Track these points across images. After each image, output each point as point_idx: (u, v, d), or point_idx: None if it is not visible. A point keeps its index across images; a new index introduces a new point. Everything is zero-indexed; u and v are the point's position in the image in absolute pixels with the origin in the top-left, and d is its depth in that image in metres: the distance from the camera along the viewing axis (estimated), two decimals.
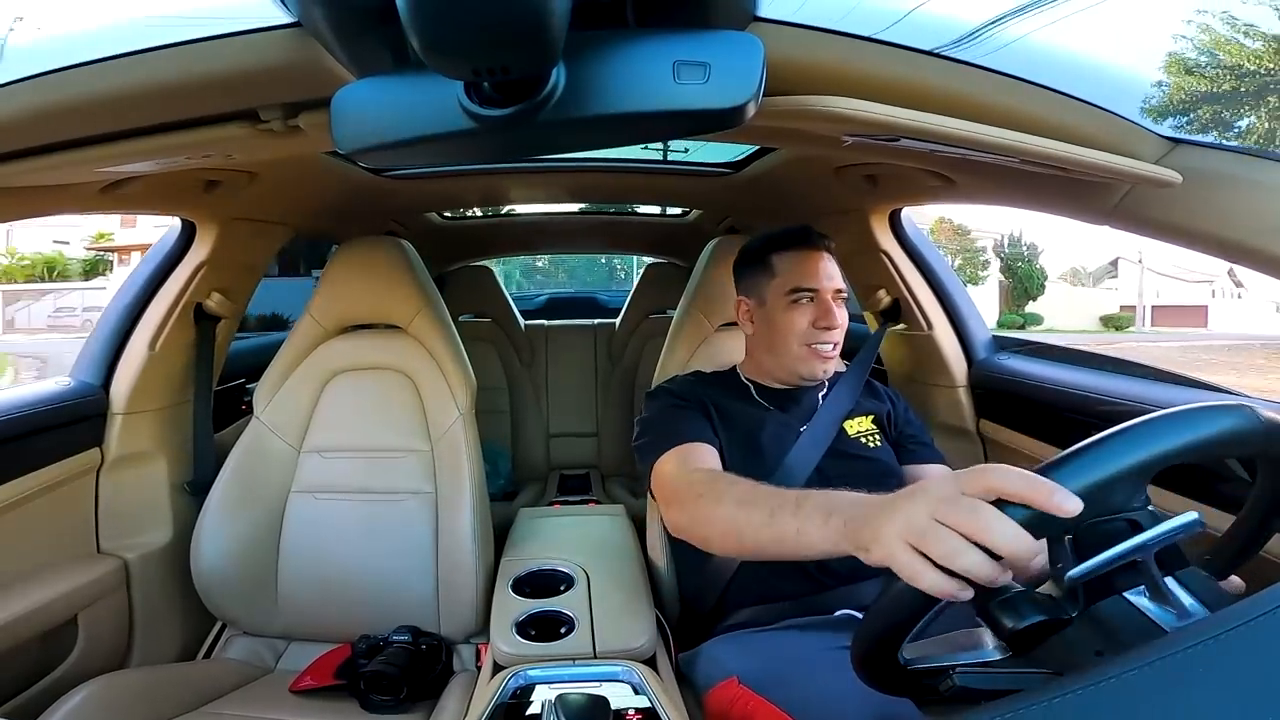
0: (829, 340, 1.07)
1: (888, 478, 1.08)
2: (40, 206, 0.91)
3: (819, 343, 1.07)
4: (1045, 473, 0.48)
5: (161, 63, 0.56)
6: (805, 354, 1.08)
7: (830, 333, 1.07)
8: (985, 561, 0.46)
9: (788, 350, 1.09)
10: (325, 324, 1.36)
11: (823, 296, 1.07)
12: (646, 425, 1.09)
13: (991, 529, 0.46)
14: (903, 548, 0.50)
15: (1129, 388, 1.06)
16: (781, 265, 1.10)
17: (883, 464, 1.09)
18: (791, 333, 1.08)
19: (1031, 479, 0.47)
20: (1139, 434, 0.49)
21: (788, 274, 1.09)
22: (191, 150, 0.72)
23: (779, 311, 1.09)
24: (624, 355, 2.52)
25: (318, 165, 1.28)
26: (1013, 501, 0.47)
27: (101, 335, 1.29)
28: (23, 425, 1.10)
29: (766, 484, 0.80)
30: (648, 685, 0.87)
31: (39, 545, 1.14)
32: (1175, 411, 0.50)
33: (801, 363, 1.09)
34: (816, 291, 1.07)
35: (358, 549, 1.26)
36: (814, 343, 1.07)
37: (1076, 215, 0.86)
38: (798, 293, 1.08)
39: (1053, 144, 0.66)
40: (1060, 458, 0.50)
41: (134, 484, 1.31)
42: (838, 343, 1.09)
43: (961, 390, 1.41)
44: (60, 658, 1.13)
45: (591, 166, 1.62)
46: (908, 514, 0.51)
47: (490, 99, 0.48)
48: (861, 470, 1.05)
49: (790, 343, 1.08)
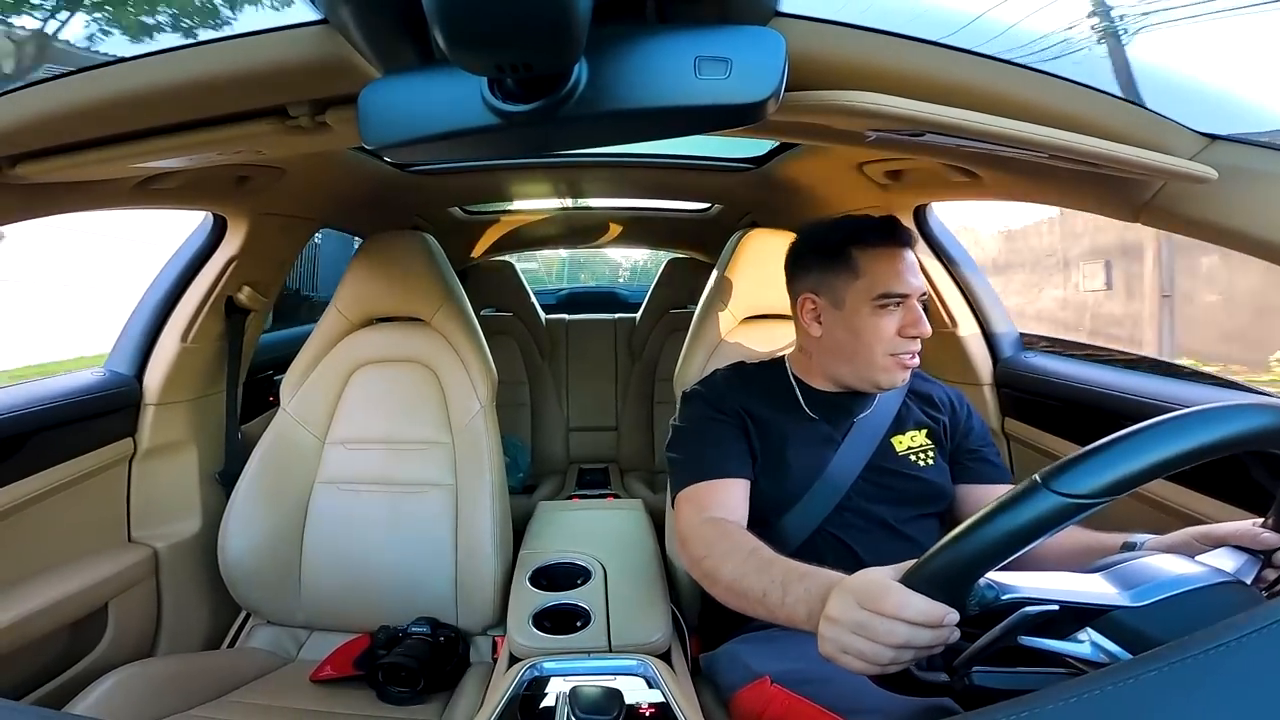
0: (914, 351, 0.98)
1: (933, 500, 1.01)
2: (76, 203, 0.93)
3: (904, 352, 0.97)
4: (1074, 464, 0.49)
5: (193, 60, 0.58)
6: (890, 364, 0.98)
7: (915, 343, 0.98)
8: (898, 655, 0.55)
9: (871, 360, 0.98)
10: (350, 317, 1.38)
11: (911, 302, 0.97)
12: (678, 441, 1.05)
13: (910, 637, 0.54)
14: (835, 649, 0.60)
15: (1158, 386, 1.04)
16: (867, 264, 0.98)
17: (929, 485, 1.01)
18: (878, 341, 0.97)
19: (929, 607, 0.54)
20: (1166, 431, 0.49)
21: (875, 276, 0.97)
22: (222, 146, 0.73)
23: (863, 318, 0.97)
24: (644, 350, 2.52)
25: (344, 160, 1.30)
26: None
27: (135, 327, 1.32)
28: (59, 415, 1.13)
29: (766, 551, 0.80)
30: (662, 680, 0.87)
31: (73, 533, 1.17)
32: (1206, 409, 0.50)
33: (884, 373, 0.98)
34: (906, 296, 0.97)
35: (379, 540, 1.28)
36: (899, 352, 0.97)
37: (1107, 212, 0.84)
38: (887, 299, 0.96)
39: (1084, 139, 0.64)
40: (1086, 451, 0.50)
41: (165, 474, 1.34)
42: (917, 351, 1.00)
43: (987, 389, 1.39)
44: (90, 645, 1.15)
45: (613, 161, 1.63)
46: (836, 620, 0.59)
47: (513, 95, 0.48)
48: (904, 490, 1.00)
49: (875, 352, 0.97)
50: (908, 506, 1.00)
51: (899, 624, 0.54)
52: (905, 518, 0.99)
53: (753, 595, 0.75)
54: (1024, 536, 0.50)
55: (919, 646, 0.54)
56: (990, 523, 0.51)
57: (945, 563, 0.54)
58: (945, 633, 0.54)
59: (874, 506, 0.99)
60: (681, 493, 0.99)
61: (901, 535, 0.98)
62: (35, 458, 1.09)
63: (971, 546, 0.52)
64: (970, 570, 0.52)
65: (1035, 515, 0.49)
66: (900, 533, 0.98)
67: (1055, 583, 0.54)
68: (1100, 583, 0.54)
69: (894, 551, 0.93)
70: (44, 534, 1.11)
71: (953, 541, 0.53)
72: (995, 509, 0.51)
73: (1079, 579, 0.55)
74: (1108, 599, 0.52)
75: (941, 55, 0.61)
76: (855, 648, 0.57)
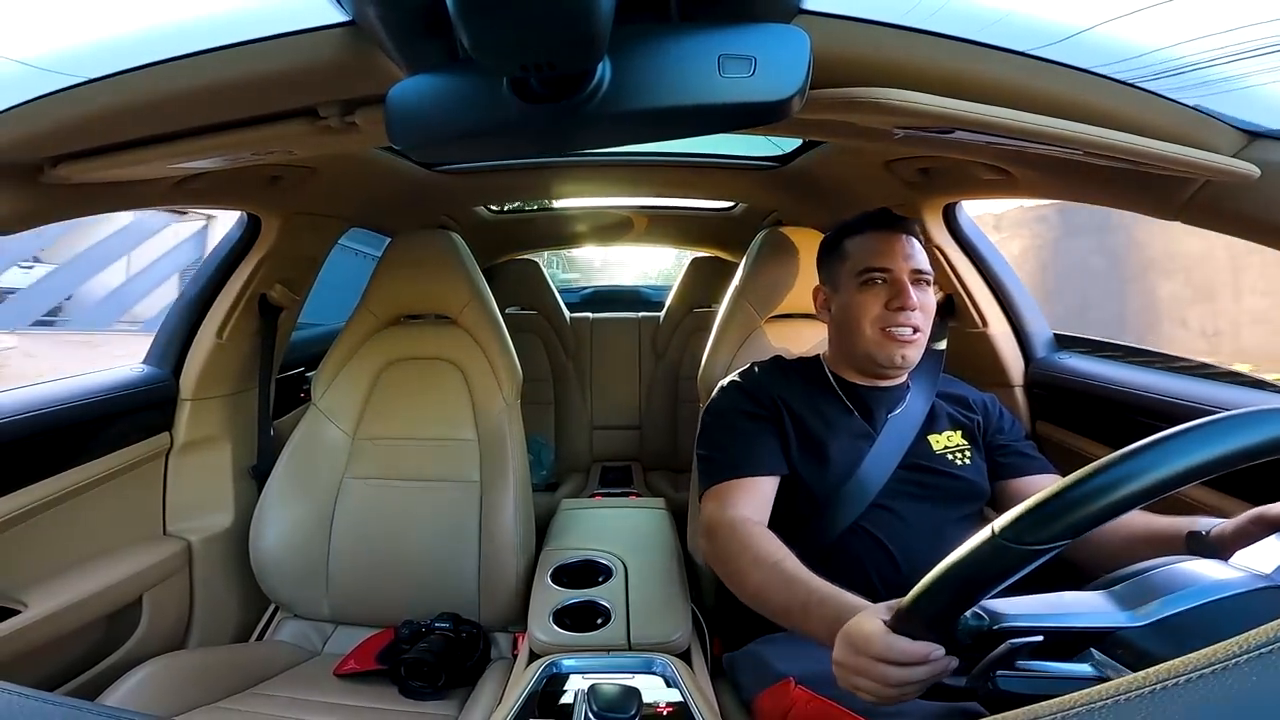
0: (905, 323, 1.00)
1: (971, 499, 1.01)
2: (119, 201, 0.96)
3: (894, 325, 1.00)
4: (1026, 514, 0.50)
5: (227, 62, 0.59)
6: (879, 338, 1.01)
7: (904, 314, 0.99)
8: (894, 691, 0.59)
9: (860, 335, 1.02)
10: (379, 314, 1.40)
11: (896, 276, 1.00)
12: (707, 435, 1.06)
13: (888, 676, 0.58)
14: (844, 683, 0.63)
15: (1195, 388, 1.00)
16: (854, 248, 1.05)
17: (967, 483, 1.01)
18: (864, 316, 1.02)
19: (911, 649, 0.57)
20: (1117, 473, 0.49)
21: (859, 255, 1.04)
22: (256, 146, 0.75)
23: (851, 295, 1.04)
24: (668, 349, 2.52)
25: (373, 160, 1.32)
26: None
27: (172, 324, 1.36)
28: (100, 409, 1.16)
29: (790, 564, 0.81)
30: (680, 679, 0.87)
31: (110, 526, 1.20)
32: (1157, 440, 0.49)
33: (876, 347, 1.01)
34: (890, 271, 1.01)
35: (404, 535, 1.30)
36: (888, 325, 1.00)
37: (1145, 210, 0.82)
38: (868, 273, 1.02)
39: (1122, 135, 0.63)
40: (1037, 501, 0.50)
41: (200, 468, 1.37)
42: (918, 327, 1.01)
43: (1018, 390, 1.36)
44: (125, 636, 1.18)
45: (636, 160, 1.63)
46: (842, 663, 0.63)
47: (537, 94, 0.48)
48: (941, 488, 0.99)
49: (863, 326, 1.02)
50: (945, 505, 0.99)
51: (890, 667, 0.58)
52: (941, 517, 0.98)
53: (775, 608, 0.79)
54: (984, 584, 0.52)
55: (916, 682, 0.58)
56: (951, 571, 0.53)
57: (921, 607, 0.57)
58: (938, 666, 0.57)
59: (910, 504, 0.97)
60: (709, 489, 0.99)
61: (937, 534, 0.95)
62: (76, 451, 1.12)
63: (939, 592, 0.55)
64: (946, 612, 0.55)
65: (994, 566, 0.51)
66: (936, 531, 0.96)
67: (1052, 606, 0.54)
68: (1101, 602, 0.54)
69: (929, 550, 0.92)
70: (83, 526, 1.14)
71: (926, 586, 0.56)
72: (954, 560, 0.53)
73: (1080, 600, 0.55)
74: (1104, 620, 0.52)
75: (970, 51, 0.60)
76: (862, 687, 0.61)
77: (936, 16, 0.58)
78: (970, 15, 0.59)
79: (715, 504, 0.97)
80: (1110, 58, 0.62)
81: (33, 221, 0.83)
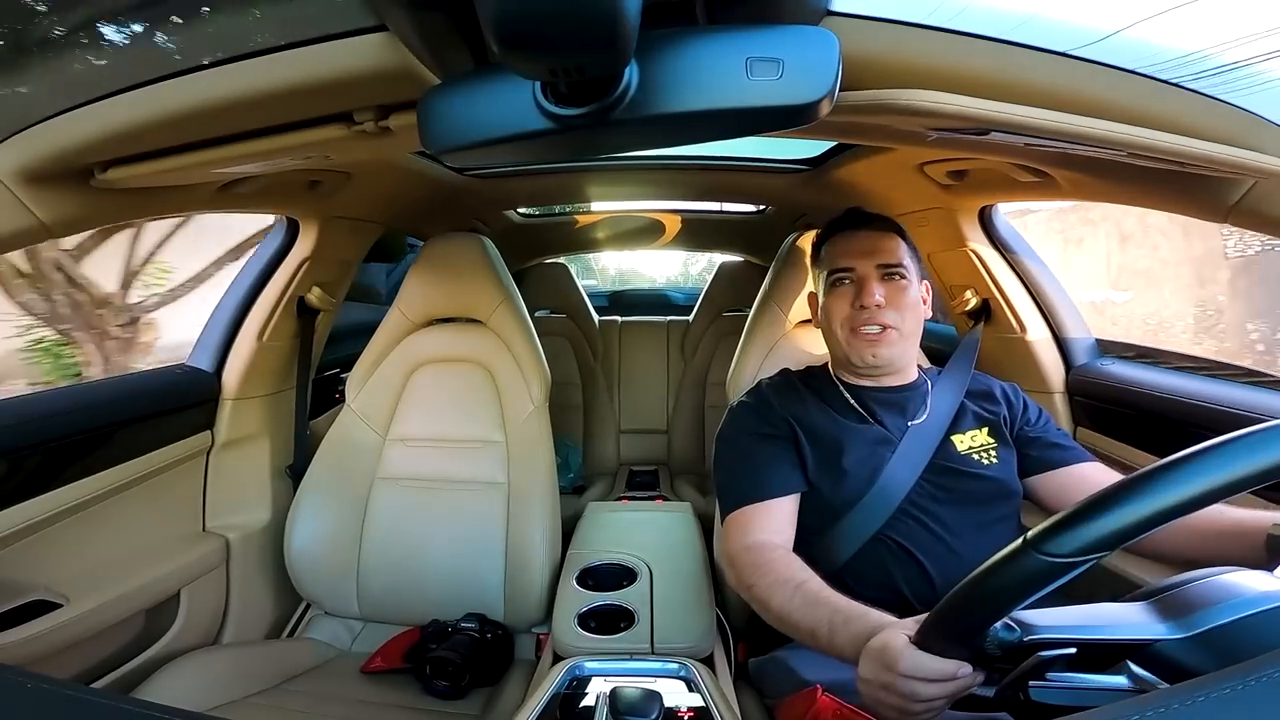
0: (870, 321, 0.99)
1: (1000, 500, 0.96)
2: (166, 206, 1.00)
3: (860, 324, 1.00)
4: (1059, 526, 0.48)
5: (265, 67, 0.61)
6: (851, 340, 1.01)
7: (867, 312, 0.99)
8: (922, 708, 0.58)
9: (837, 339, 1.04)
10: (412, 317, 1.43)
11: (860, 274, 1.01)
12: (724, 462, 1.05)
13: (916, 694, 0.58)
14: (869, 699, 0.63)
15: (1244, 396, 0.96)
16: (827, 251, 1.07)
17: (996, 483, 0.97)
18: (835, 319, 1.03)
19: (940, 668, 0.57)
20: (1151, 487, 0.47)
21: (828, 257, 1.06)
22: (294, 152, 0.77)
23: (826, 299, 1.06)
24: (696, 353, 2.51)
25: (406, 165, 1.35)
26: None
27: (216, 325, 1.40)
28: (147, 407, 1.20)
29: (813, 584, 0.80)
30: (703, 683, 0.87)
31: (152, 522, 1.24)
32: (1190, 455, 0.47)
33: (849, 348, 1.02)
34: (853, 270, 1.01)
35: (433, 535, 1.31)
36: (855, 325, 1.00)
37: (1192, 212, 0.79)
38: (835, 274, 1.03)
39: (1167, 136, 0.60)
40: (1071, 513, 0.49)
41: (239, 466, 1.41)
42: (886, 324, 0.99)
43: (1058, 396, 1.32)
44: (162, 630, 1.21)
45: (665, 164, 1.63)
46: (869, 679, 0.62)
47: (566, 98, 0.49)
48: (968, 490, 0.95)
49: (835, 328, 1.03)
50: (973, 508, 0.95)
51: (916, 683, 0.57)
52: (970, 520, 0.94)
53: (801, 630, 0.78)
54: (1015, 596, 0.50)
55: (943, 698, 0.57)
56: (982, 584, 0.52)
57: (947, 622, 0.56)
58: (964, 683, 0.57)
59: (937, 508, 0.94)
60: (729, 516, 0.99)
61: (968, 539, 0.92)
62: (123, 449, 1.16)
63: (968, 606, 0.54)
64: (973, 627, 0.53)
65: (1022, 577, 0.49)
66: (966, 537, 0.92)
67: (1087, 618, 0.52)
68: (1138, 614, 0.52)
69: (959, 557, 0.90)
70: (126, 522, 1.18)
71: (953, 600, 0.55)
72: (984, 570, 0.52)
73: (1116, 611, 0.53)
74: (1142, 632, 0.50)
75: (1004, 51, 0.58)
76: (888, 703, 0.60)
77: (964, 16, 0.56)
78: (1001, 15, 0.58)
79: (735, 531, 0.96)
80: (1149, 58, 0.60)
81: (84, 225, 0.86)
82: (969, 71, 0.59)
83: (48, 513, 1.02)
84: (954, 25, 0.57)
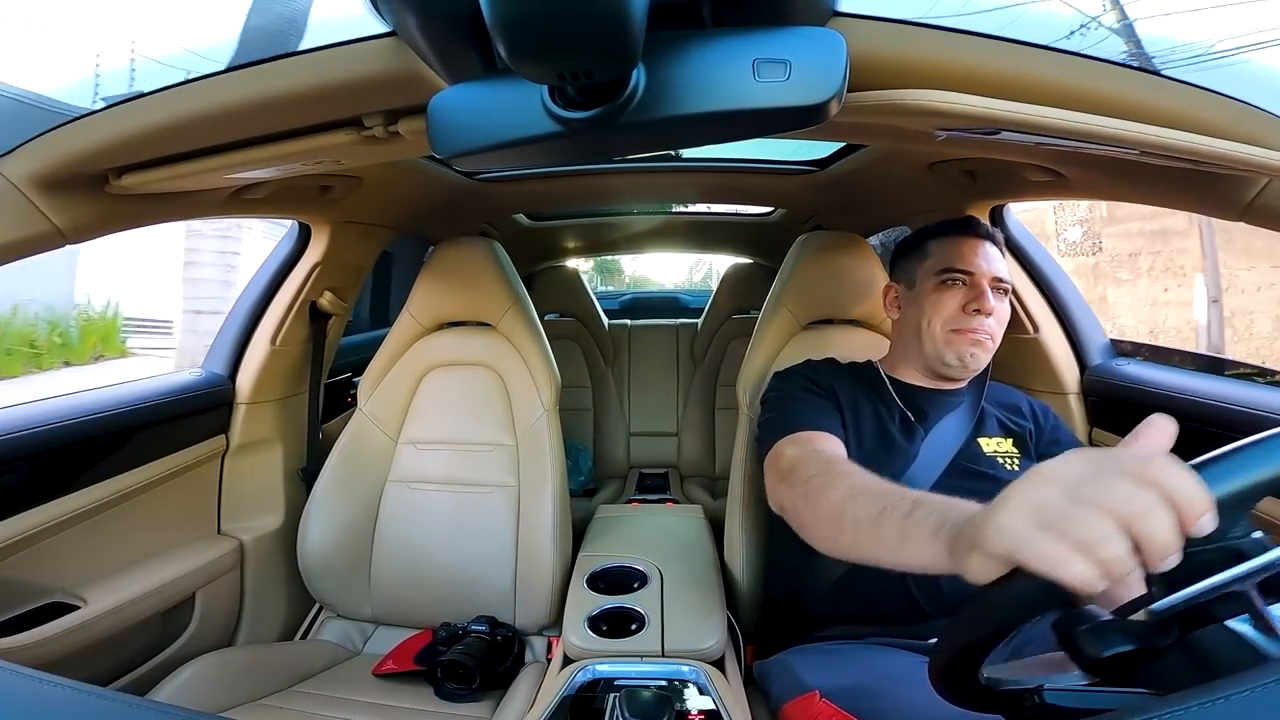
0: (980, 328, 0.99)
1: None
2: (181, 211, 1.01)
3: (965, 327, 1.00)
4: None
5: (277, 73, 0.62)
6: (951, 338, 1.01)
7: (980, 318, 0.99)
8: (1130, 554, 0.39)
9: (932, 334, 1.02)
10: (423, 321, 1.44)
11: (976, 280, 1.00)
12: (774, 403, 1.06)
13: (1154, 518, 0.39)
14: (1035, 533, 0.42)
15: (1265, 396, 0.95)
16: (936, 248, 1.05)
17: None
18: (938, 315, 1.02)
19: (1199, 487, 0.40)
20: None
21: (941, 255, 1.04)
22: (305, 156, 0.78)
23: (927, 293, 1.04)
24: (706, 356, 2.51)
25: (417, 169, 1.36)
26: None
27: (230, 330, 1.42)
28: (164, 411, 1.22)
29: (884, 479, 0.72)
30: (714, 687, 0.86)
31: (168, 524, 1.25)
32: None
33: (947, 346, 1.01)
34: (970, 275, 1.00)
35: (444, 539, 1.32)
36: (960, 327, 1.00)
37: (1206, 211, 0.78)
38: (949, 274, 1.01)
39: (1180, 134, 0.60)
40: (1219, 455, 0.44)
41: (253, 469, 1.42)
42: (991, 334, 1.00)
43: (1073, 397, 1.31)
44: (178, 632, 1.22)
45: (674, 167, 1.63)
46: (1036, 497, 0.45)
47: (574, 102, 0.49)
48: (992, 494, 0.94)
49: (935, 325, 1.02)
50: None
51: (1149, 493, 0.40)
52: None
53: (865, 513, 0.66)
54: None
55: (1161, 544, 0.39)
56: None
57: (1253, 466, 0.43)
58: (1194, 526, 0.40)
59: None
60: (781, 440, 0.95)
61: None
62: (139, 452, 1.18)
63: None
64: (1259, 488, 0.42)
65: None
66: None
67: None
68: None
69: None
70: (142, 525, 1.19)
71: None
72: None
73: None
74: None
75: (1013, 50, 0.58)
76: (1088, 534, 0.40)
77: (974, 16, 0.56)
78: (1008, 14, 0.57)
79: (791, 446, 0.93)
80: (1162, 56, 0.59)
81: (100, 231, 0.87)
82: (978, 71, 0.58)
83: (66, 515, 1.03)
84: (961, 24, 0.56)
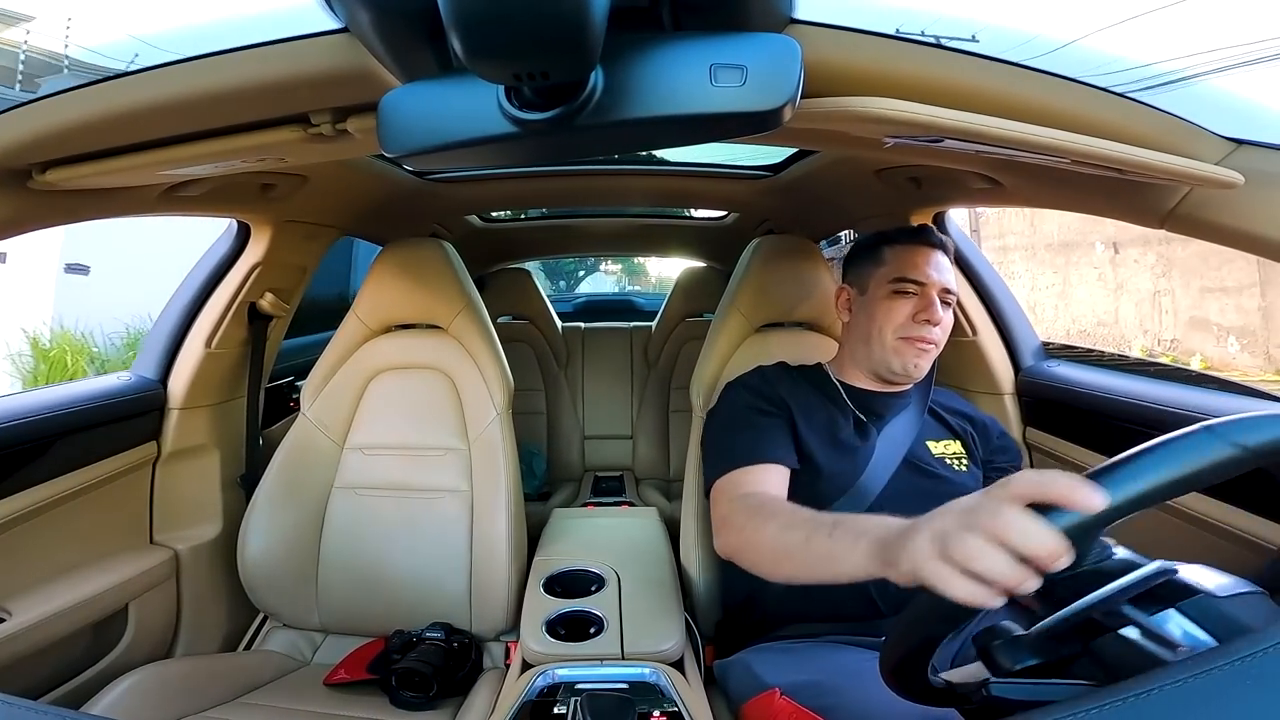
0: (927, 337, 1.03)
1: None
2: (108, 208, 0.96)
3: (915, 335, 1.03)
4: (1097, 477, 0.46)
5: (218, 68, 0.59)
6: (899, 345, 1.04)
7: (928, 328, 1.03)
8: (1008, 564, 0.46)
9: (882, 340, 1.05)
10: (370, 323, 1.39)
11: (927, 290, 1.03)
12: (719, 428, 1.07)
13: (1010, 527, 0.46)
14: (929, 556, 0.50)
15: (1183, 395, 1.01)
16: (892, 256, 1.08)
17: (965, 489, 0.97)
18: (889, 322, 1.05)
19: (1050, 476, 0.47)
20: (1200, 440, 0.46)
21: (895, 264, 1.06)
22: (247, 154, 0.75)
23: (879, 300, 1.06)
24: (660, 358, 2.52)
25: (365, 168, 1.32)
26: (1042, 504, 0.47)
27: (161, 332, 1.35)
28: (87, 418, 1.15)
29: (810, 510, 0.78)
30: (674, 689, 0.87)
31: (96, 535, 1.19)
32: (1243, 418, 0.47)
33: (894, 354, 1.05)
34: (922, 285, 1.04)
35: (394, 545, 1.28)
36: (910, 335, 1.03)
37: (1132, 218, 0.83)
38: (901, 282, 1.04)
39: (1108, 144, 0.63)
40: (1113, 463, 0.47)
41: (187, 477, 1.36)
42: (936, 342, 1.04)
43: (1008, 398, 1.37)
44: (110, 645, 1.17)
45: (629, 170, 1.63)
46: (935, 525, 0.52)
47: (531, 103, 0.48)
48: (940, 490, 0.99)
49: (885, 332, 1.05)
50: None
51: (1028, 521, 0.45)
52: None
53: (795, 541, 0.73)
54: None
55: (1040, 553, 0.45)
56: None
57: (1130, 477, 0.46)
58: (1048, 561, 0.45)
59: (909, 510, 0.97)
60: (718, 482, 0.99)
61: None
62: (63, 460, 1.11)
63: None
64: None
65: None
66: None
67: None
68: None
69: None
70: (69, 535, 1.13)
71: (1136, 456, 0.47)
72: None
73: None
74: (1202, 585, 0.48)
75: (958, 60, 0.60)
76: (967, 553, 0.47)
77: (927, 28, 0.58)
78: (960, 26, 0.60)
79: (727, 488, 0.96)
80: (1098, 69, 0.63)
81: (18, 228, 0.82)
82: (926, 80, 0.61)
83: None
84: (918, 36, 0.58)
